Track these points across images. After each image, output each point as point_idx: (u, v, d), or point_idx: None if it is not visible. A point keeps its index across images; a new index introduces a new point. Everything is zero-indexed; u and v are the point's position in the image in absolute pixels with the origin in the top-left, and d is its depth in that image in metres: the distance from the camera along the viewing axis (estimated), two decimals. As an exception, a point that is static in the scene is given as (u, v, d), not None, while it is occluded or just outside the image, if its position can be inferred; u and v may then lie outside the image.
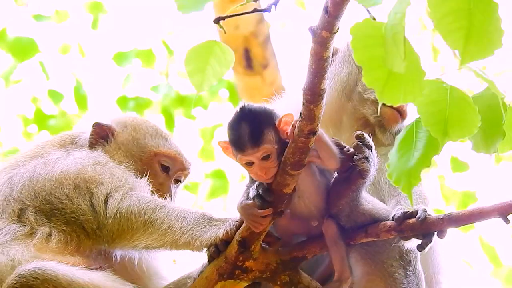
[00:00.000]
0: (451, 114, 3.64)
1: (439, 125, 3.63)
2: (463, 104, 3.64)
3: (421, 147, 3.75)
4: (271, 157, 4.15)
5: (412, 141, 3.77)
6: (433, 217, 4.27)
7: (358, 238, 4.37)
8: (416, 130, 3.79)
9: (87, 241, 4.49)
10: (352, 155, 4.24)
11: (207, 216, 4.42)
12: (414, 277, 4.50)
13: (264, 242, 4.35)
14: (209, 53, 4.13)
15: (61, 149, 4.77)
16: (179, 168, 4.89)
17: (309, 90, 3.96)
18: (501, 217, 4.18)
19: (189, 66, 4.14)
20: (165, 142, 4.88)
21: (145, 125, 4.91)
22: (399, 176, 3.75)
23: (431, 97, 3.66)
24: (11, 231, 4.46)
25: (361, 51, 3.49)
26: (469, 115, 3.63)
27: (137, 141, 4.84)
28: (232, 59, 4.15)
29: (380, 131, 4.79)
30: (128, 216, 4.45)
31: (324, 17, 3.68)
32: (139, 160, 4.80)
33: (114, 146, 4.81)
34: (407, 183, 3.73)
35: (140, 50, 11.79)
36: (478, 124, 3.61)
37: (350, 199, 4.31)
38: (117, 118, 4.94)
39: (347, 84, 4.86)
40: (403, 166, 3.74)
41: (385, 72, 3.47)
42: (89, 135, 4.83)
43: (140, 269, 4.63)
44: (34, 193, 4.57)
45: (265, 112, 4.21)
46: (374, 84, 3.50)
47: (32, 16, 11.72)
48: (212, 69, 4.13)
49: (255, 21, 9.95)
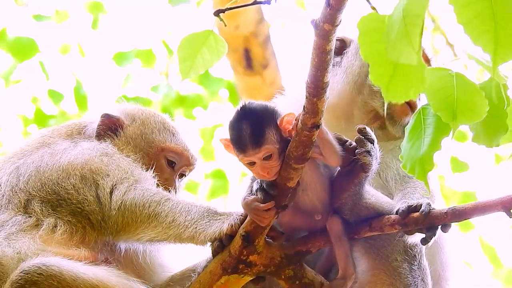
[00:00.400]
0: (459, 99, 3.65)
1: (448, 110, 3.65)
2: (469, 90, 3.66)
3: (430, 133, 3.75)
4: (272, 157, 4.15)
5: (421, 128, 3.78)
6: (437, 211, 4.27)
7: (362, 232, 4.37)
8: (424, 117, 3.79)
9: (92, 232, 4.48)
10: (354, 149, 4.24)
11: (211, 210, 4.41)
12: (419, 271, 4.49)
13: (268, 236, 4.35)
14: (202, 42, 4.13)
15: (68, 139, 4.76)
16: (184, 164, 4.88)
17: (312, 83, 3.96)
18: (504, 210, 4.19)
19: (181, 52, 4.14)
20: (172, 137, 4.88)
21: (153, 119, 4.90)
22: (413, 164, 3.75)
23: (438, 84, 3.67)
24: (17, 223, 4.45)
25: (366, 46, 3.49)
26: (477, 100, 3.64)
27: (145, 135, 4.83)
28: (224, 51, 4.14)
29: (390, 124, 4.78)
30: (133, 208, 4.45)
31: (326, 10, 3.68)
32: (146, 154, 4.79)
33: (123, 139, 4.80)
34: (421, 170, 3.73)
35: (140, 50, 11.79)
36: (486, 108, 3.62)
37: (352, 192, 4.31)
38: (125, 110, 4.92)
39: (359, 77, 4.84)
40: (416, 154, 3.75)
41: (390, 68, 3.46)
42: (97, 126, 4.81)
43: (144, 262, 4.62)
44: (40, 183, 4.56)
45: (267, 111, 4.19)
46: (379, 80, 3.50)
47: (32, 16, 11.72)
48: (202, 58, 4.13)
49: (255, 21, 9.96)
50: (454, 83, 3.66)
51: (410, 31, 3.33)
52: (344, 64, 4.84)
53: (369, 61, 3.49)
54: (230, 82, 11.52)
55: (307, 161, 4.17)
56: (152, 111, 4.97)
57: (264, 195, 4.20)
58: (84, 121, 4.91)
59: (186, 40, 4.15)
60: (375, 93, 4.79)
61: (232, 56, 10.01)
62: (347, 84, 4.84)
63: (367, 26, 3.48)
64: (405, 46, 3.34)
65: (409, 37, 3.33)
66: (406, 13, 3.35)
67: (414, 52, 3.33)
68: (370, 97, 4.80)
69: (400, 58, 3.37)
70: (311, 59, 3.92)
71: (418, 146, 3.76)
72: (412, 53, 3.33)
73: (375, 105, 4.80)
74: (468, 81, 3.67)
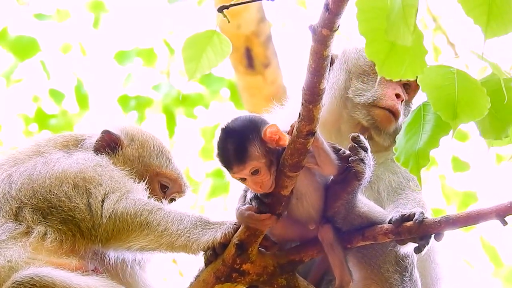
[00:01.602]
0: (460, 97, 3.63)
1: (449, 109, 3.62)
2: (471, 87, 3.63)
3: (429, 129, 3.73)
4: (261, 172, 4.13)
5: (420, 124, 3.75)
6: (430, 219, 4.26)
7: (355, 241, 4.36)
8: (424, 113, 3.77)
9: (81, 240, 4.48)
10: (347, 157, 4.23)
11: (204, 219, 4.42)
12: (410, 283, 4.49)
13: (262, 246, 4.35)
14: (207, 42, 4.13)
15: (63, 149, 4.77)
16: (176, 190, 4.90)
17: (308, 89, 3.94)
18: (498, 219, 4.18)
19: (185, 52, 4.14)
20: (168, 163, 4.89)
21: (152, 142, 4.91)
22: (407, 157, 3.73)
23: (439, 82, 3.65)
24: (7, 230, 4.46)
25: (364, 23, 3.48)
26: (478, 97, 3.61)
27: (142, 158, 4.85)
28: (228, 50, 4.15)
29: (375, 133, 4.77)
30: (124, 217, 4.45)
31: (325, 15, 3.66)
32: (141, 176, 4.78)
33: (121, 158, 4.81)
34: (415, 164, 3.72)
35: (141, 49, 11.79)
36: (488, 105, 3.60)
37: (346, 201, 4.31)
38: (125, 129, 4.92)
39: (344, 92, 4.84)
40: (411, 148, 3.73)
41: (387, 45, 3.45)
42: (96, 141, 4.82)
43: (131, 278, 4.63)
44: (32, 190, 4.56)
45: (249, 127, 4.15)
46: (375, 56, 3.49)
47: (33, 15, 11.73)
48: (207, 58, 4.13)
49: (256, 21, 9.94)
50: (455, 81, 3.64)
51: (407, 12, 3.33)
52: (331, 80, 4.83)
53: (366, 37, 3.48)
54: (231, 81, 11.51)
55: (301, 169, 4.16)
56: (151, 134, 4.98)
57: (259, 203, 4.20)
58: (82, 134, 4.91)
59: (190, 41, 4.15)
60: (356, 105, 4.77)
61: (234, 56, 10.00)
62: (335, 98, 4.84)
63: (366, 3, 3.47)
64: (402, 27, 3.34)
65: (405, 17, 3.32)
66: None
67: (409, 32, 3.32)
68: (353, 110, 4.78)
69: (398, 39, 3.36)
70: (308, 64, 3.90)
71: (415, 141, 3.73)
72: (408, 33, 3.32)
73: (358, 117, 4.78)
74: (470, 78, 3.65)
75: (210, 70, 4.17)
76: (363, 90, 4.73)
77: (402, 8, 3.34)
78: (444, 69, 3.67)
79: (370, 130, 4.77)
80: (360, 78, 4.77)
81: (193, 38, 4.14)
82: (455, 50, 11.28)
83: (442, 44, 11.57)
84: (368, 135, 4.71)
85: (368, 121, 4.74)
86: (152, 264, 4.74)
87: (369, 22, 3.46)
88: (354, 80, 4.74)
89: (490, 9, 3.30)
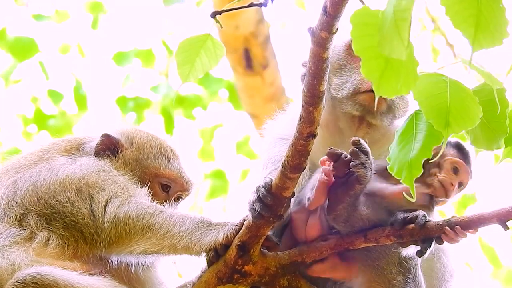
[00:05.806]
0: (452, 106, 3.62)
1: (441, 117, 3.61)
2: (463, 96, 3.62)
3: (421, 138, 3.72)
4: None
5: (412, 133, 3.75)
6: (432, 223, 4.29)
7: (357, 243, 4.38)
8: (416, 122, 3.76)
9: (84, 246, 4.49)
10: (349, 161, 4.26)
11: (205, 220, 4.42)
12: (414, 284, 4.49)
13: (263, 246, 4.36)
14: (200, 46, 4.13)
15: (67, 155, 4.77)
16: (179, 189, 4.87)
17: (308, 92, 3.95)
18: (500, 223, 4.21)
19: (179, 56, 4.15)
20: (167, 163, 4.86)
21: (150, 144, 4.89)
22: (400, 167, 3.72)
23: (431, 90, 3.64)
24: (11, 235, 4.47)
25: (359, 40, 3.47)
26: (470, 107, 3.61)
27: (139, 161, 4.83)
28: (222, 54, 4.15)
29: (371, 118, 4.68)
30: (126, 221, 4.46)
31: (323, 17, 3.67)
32: (141, 179, 4.77)
33: (122, 161, 4.80)
34: (408, 174, 3.71)
35: (140, 50, 11.78)
36: (480, 115, 3.59)
37: (347, 204, 4.33)
38: (125, 132, 4.91)
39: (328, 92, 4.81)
40: (404, 158, 3.72)
41: (382, 63, 3.45)
42: (96, 144, 4.81)
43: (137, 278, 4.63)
44: (37, 197, 4.57)
45: None
46: (371, 75, 3.48)
47: (32, 16, 11.72)
48: (201, 62, 4.14)
49: (255, 21, 9.94)
50: (448, 89, 3.64)
51: (400, 26, 3.33)
52: None
53: (361, 55, 3.47)
54: (230, 82, 11.51)
55: (303, 170, 4.17)
56: (151, 135, 4.95)
57: (261, 204, 4.21)
58: (83, 138, 4.91)
59: (184, 44, 4.15)
60: (341, 100, 4.71)
61: (232, 56, 10.00)
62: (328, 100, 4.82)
63: (360, 20, 3.46)
64: (396, 41, 3.34)
65: (399, 31, 3.32)
66: (396, 8, 3.35)
67: (403, 47, 3.32)
68: (340, 105, 4.73)
69: (391, 53, 3.36)
70: (307, 67, 3.91)
71: (408, 150, 3.73)
72: (402, 48, 3.33)
73: (348, 110, 4.69)
74: (462, 87, 3.65)
75: (204, 73, 4.18)
76: (342, 84, 4.69)
77: (395, 21, 3.34)
78: (437, 77, 3.67)
79: (365, 117, 4.72)
80: (338, 73, 4.73)
81: (187, 41, 4.14)
82: (454, 51, 11.29)
83: (441, 45, 11.58)
84: (367, 123, 4.69)
85: (358, 109, 4.66)
86: (158, 265, 4.74)
87: (364, 39, 3.45)
88: (333, 77, 4.71)
89: (478, 22, 3.30)
